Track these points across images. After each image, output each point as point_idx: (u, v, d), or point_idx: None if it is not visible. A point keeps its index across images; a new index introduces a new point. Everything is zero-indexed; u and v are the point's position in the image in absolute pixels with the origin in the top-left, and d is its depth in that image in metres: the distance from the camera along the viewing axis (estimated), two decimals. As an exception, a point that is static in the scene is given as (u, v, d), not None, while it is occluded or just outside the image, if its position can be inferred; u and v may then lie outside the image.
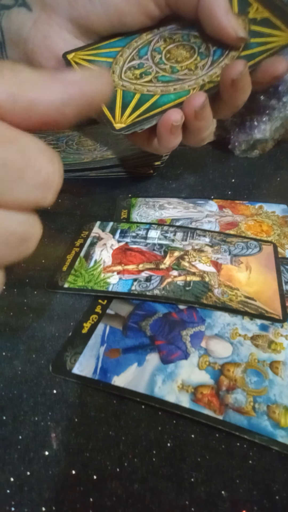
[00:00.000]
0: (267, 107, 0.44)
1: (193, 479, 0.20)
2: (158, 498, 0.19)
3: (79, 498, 0.19)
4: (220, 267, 0.31)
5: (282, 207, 0.39)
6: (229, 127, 0.47)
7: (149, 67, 0.30)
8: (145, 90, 0.29)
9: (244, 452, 0.21)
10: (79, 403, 0.23)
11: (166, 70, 0.30)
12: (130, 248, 0.33)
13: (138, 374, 0.24)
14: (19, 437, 0.22)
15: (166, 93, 0.29)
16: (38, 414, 0.23)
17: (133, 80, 0.30)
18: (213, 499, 0.19)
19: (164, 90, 0.29)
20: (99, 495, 0.19)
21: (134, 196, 0.40)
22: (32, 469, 0.20)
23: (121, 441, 0.21)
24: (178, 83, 0.30)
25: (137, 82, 0.30)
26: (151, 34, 0.32)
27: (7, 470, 0.20)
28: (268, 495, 0.20)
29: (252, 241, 0.34)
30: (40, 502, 0.19)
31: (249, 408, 0.22)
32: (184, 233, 0.34)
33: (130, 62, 0.31)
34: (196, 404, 0.22)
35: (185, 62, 0.30)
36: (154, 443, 0.21)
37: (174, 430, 0.22)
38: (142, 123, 0.29)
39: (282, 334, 0.26)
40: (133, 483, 0.20)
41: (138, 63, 0.31)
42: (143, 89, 0.29)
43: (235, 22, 0.29)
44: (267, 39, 0.30)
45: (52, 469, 0.20)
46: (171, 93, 0.29)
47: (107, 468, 0.20)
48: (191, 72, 0.30)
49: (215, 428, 0.22)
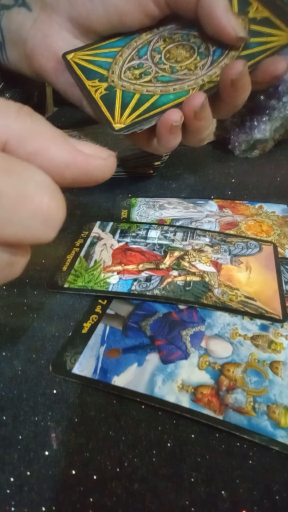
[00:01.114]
0: (267, 107, 0.44)
1: (193, 479, 0.20)
2: (158, 498, 0.19)
3: (79, 498, 0.19)
4: (220, 267, 0.31)
5: (282, 207, 0.39)
6: (229, 127, 0.47)
7: (149, 67, 0.30)
8: (145, 90, 0.29)
9: (244, 452, 0.21)
10: (79, 403, 0.23)
11: (166, 70, 0.30)
12: (130, 248, 0.33)
13: (138, 374, 0.24)
14: (19, 437, 0.22)
15: (166, 93, 0.29)
16: (38, 414, 0.23)
17: (132, 80, 0.30)
18: (213, 499, 0.19)
19: (164, 90, 0.29)
20: (99, 495, 0.19)
21: (134, 196, 0.40)
22: (32, 469, 0.20)
23: (121, 441, 0.21)
24: (178, 83, 0.30)
25: (136, 82, 0.30)
26: (150, 34, 0.32)
27: (7, 470, 0.20)
28: (268, 495, 0.20)
29: (252, 241, 0.34)
30: (40, 502, 0.19)
31: (249, 408, 0.22)
32: (184, 233, 0.34)
33: (130, 62, 0.31)
34: (196, 404, 0.22)
35: (184, 62, 0.30)
36: (154, 443, 0.21)
37: (174, 430, 0.22)
38: (141, 123, 0.28)
39: (282, 334, 0.26)
40: (133, 483, 0.20)
41: (137, 63, 0.31)
42: (142, 89, 0.29)
43: (234, 22, 0.29)
44: (267, 39, 0.30)
45: (52, 469, 0.20)
46: (171, 93, 0.29)
47: (107, 468, 0.20)
48: (190, 72, 0.30)
49: (215, 428, 0.22)
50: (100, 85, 0.30)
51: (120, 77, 0.30)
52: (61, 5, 0.32)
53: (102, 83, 0.30)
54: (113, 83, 0.30)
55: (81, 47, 0.33)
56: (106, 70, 0.31)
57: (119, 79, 0.30)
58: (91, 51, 0.33)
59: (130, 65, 0.31)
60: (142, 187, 0.42)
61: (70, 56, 0.32)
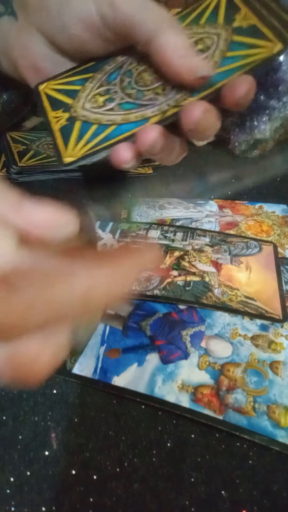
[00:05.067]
0: (267, 107, 0.44)
1: (193, 479, 0.20)
2: (158, 498, 0.19)
3: (79, 498, 0.19)
4: (220, 267, 0.31)
5: (282, 207, 0.39)
6: (229, 127, 0.47)
7: (114, 93, 0.29)
8: (105, 119, 0.27)
9: (244, 452, 0.21)
10: (79, 403, 0.23)
11: (132, 95, 0.28)
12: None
13: (138, 374, 0.24)
14: (19, 437, 0.22)
15: (126, 122, 0.27)
16: (38, 414, 0.23)
17: (95, 109, 0.28)
18: (213, 499, 0.19)
19: (125, 119, 0.27)
20: (99, 495, 0.19)
21: (134, 196, 0.40)
22: (32, 469, 0.20)
23: (121, 441, 0.21)
24: (141, 109, 0.27)
25: (98, 111, 0.28)
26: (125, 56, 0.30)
27: (7, 470, 0.20)
28: (268, 495, 0.20)
29: (252, 241, 0.34)
30: (40, 502, 0.19)
31: (249, 408, 0.22)
32: (184, 233, 0.34)
33: (98, 88, 0.29)
34: (196, 404, 0.22)
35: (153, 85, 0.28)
36: (154, 443, 0.21)
37: (174, 430, 0.22)
38: (91, 156, 0.27)
39: (282, 334, 0.26)
40: (133, 483, 0.20)
41: (105, 90, 0.29)
42: (102, 119, 0.28)
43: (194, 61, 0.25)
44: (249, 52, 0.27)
45: (52, 469, 0.20)
46: (131, 122, 0.27)
47: (107, 468, 0.20)
48: (156, 97, 0.27)
49: (215, 428, 0.22)
50: (62, 115, 0.29)
51: (83, 107, 0.28)
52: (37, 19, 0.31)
53: (65, 113, 0.29)
54: (75, 113, 0.28)
55: (55, 76, 0.31)
56: (72, 99, 0.30)
57: (82, 109, 0.28)
58: (63, 79, 0.31)
59: (96, 92, 0.29)
60: (142, 187, 0.42)
61: (43, 86, 0.31)
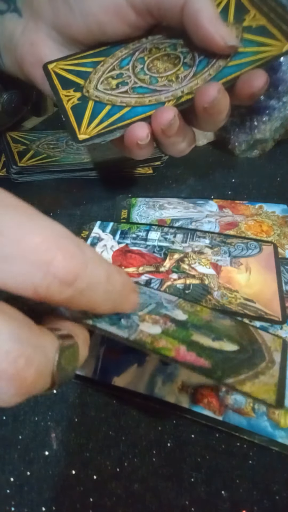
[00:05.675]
0: (267, 107, 0.44)
1: (193, 479, 0.20)
2: (158, 498, 0.19)
3: (79, 498, 0.19)
4: (220, 269, 0.31)
5: (282, 207, 0.39)
6: (229, 127, 0.47)
7: (128, 77, 0.30)
8: (119, 101, 0.28)
9: (244, 452, 0.21)
10: (79, 403, 0.23)
11: (145, 81, 0.29)
12: (130, 250, 0.33)
13: (138, 374, 0.24)
14: (19, 437, 0.22)
15: (140, 105, 0.28)
16: (38, 414, 0.23)
17: (108, 91, 0.29)
18: (213, 499, 0.19)
19: (139, 102, 0.28)
20: (99, 495, 0.20)
21: (134, 196, 0.40)
22: (32, 469, 0.20)
23: (121, 441, 0.22)
24: (155, 94, 0.28)
25: (111, 92, 0.29)
26: (138, 44, 0.31)
27: (7, 470, 0.20)
28: (268, 495, 0.20)
29: (252, 241, 0.34)
30: (40, 502, 0.19)
31: (248, 409, 0.22)
32: (184, 234, 0.34)
33: (110, 72, 0.30)
34: (196, 405, 0.22)
35: (166, 73, 0.29)
36: (154, 443, 0.21)
37: (174, 430, 0.22)
38: (105, 135, 0.28)
39: (282, 335, 0.26)
40: (133, 483, 0.20)
41: (117, 73, 0.30)
42: (116, 100, 0.28)
43: (224, 30, 0.27)
44: (259, 49, 0.28)
45: (52, 469, 0.20)
46: (146, 105, 0.28)
47: (107, 468, 0.21)
48: (170, 83, 0.29)
49: (215, 428, 0.22)
50: (74, 95, 0.30)
51: (96, 88, 0.29)
52: (45, 13, 0.31)
53: (76, 93, 0.30)
54: (88, 94, 0.29)
55: (64, 57, 0.32)
56: (84, 80, 0.31)
57: (95, 90, 0.29)
58: (74, 60, 0.32)
59: (108, 75, 0.30)
60: (142, 187, 0.42)
61: (52, 65, 0.32)
